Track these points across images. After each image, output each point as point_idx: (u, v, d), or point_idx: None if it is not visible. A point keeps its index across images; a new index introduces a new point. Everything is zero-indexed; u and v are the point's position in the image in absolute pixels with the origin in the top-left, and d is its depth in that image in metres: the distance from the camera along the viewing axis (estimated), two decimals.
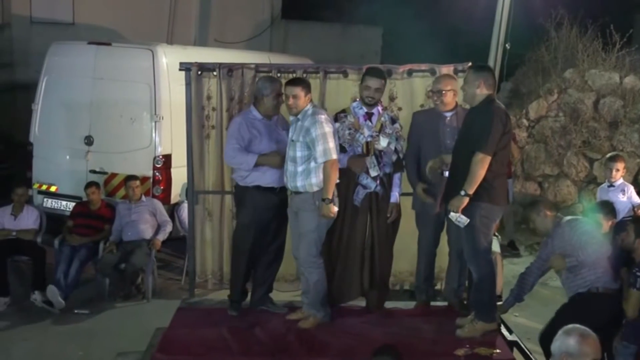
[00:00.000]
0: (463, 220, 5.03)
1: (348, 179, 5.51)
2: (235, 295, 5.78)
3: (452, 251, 5.78)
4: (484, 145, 4.92)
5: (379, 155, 5.52)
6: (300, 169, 5.30)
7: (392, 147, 5.53)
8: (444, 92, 5.47)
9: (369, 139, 5.50)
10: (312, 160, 5.25)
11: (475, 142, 4.98)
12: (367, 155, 5.50)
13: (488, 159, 4.93)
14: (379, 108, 5.58)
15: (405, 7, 16.21)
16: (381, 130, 5.52)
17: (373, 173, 5.50)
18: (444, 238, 5.87)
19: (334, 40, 17.01)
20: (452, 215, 5.06)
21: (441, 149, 5.54)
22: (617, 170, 6.96)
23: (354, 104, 5.59)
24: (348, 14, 16.71)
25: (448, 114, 5.56)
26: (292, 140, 5.33)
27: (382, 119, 5.55)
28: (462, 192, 4.98)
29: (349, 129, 5.51)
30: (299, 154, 5.29)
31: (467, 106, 5.73)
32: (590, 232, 5.33)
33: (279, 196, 5.59)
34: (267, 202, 5.53)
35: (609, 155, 7.48)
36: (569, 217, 5.52)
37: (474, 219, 5.04)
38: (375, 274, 5.71)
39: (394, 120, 5.60)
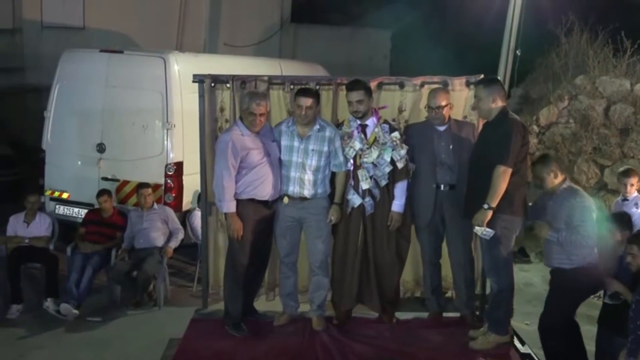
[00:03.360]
0: (489, 233, 5.08)
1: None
2: (237, 316, 5.65)
3: (454, 263, 5.80)
4: (505, 158, 4.97)
5: (371, 168, 5.51)
6: (321, 176, 5.52)
7: (386, 158, 5.48)
8: (443, 107, 5.49)
9: (358, 152, 5.50)
10: (327, 168, 5.52)
11: (495, 155, 5.01)
12: (358, 168, 5.52)
13: (509, 171, 4.99)
14: (374, 119, 5.56)
15: (414, 11, 16.21)
16: (374, 142, 5.51)
17: (364, 186, 5.51)
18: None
19: (343, 43, 17.04)
20: (477, 229, 5.11)
21: (436, 162, 5.57)
22: (632, 185, 6.96)
23: (351, 117, 5.59)
24: (357, 17, 16.76)
25: (442, 128, 5.58)
26: (313, 150, 5.45)
27: (376, 129, 5.52)
28: (486, 206, 5.03)
29: (342, 138, 5.54)
30: (322, 162, 5.49)
31: (462, 118, 5.84)
32: (586, 224, 5.21)
33: (270, 209, 5.60)
34: (260, 214, 5.53)
35: (622, 170, 7.43)
36: (578, 197, 5.30)
37: (495, 230, 5.09)
38: (372, 285, 5.69)
39: (393, 130, 5.56)
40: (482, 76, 5.80)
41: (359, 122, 5.53)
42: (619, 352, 5.07)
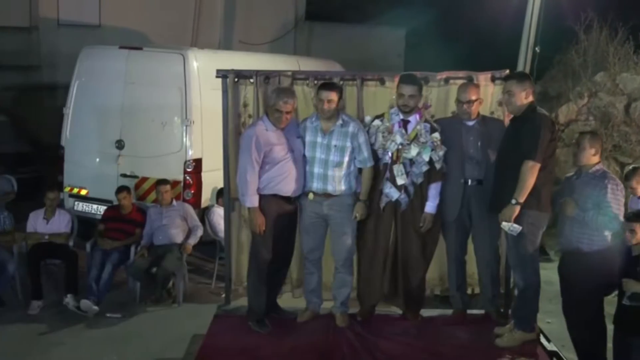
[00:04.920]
0: (516, 228, 5.04)
1: (377, 185, 5.54)
2: (261, 312, 5.64)
3: (479, 260, 5.76)
4: (534, 153, 4.94)
5: (408, 164, 5.48)
6: (345, 172, 5.44)
7: (425, 157, 5.45)
8: (473, 101, 5.47)
9: (399, 147, 5.47)
10: (352, 164, 5.43)
11: (523, 150, 4.98)
12: (395, 163, 5.48)
13: (538, 166, 4.95)
14: (417, 116, 5.52)
15: (429, 10, 16.17)
16: (415, 139, 5.47)
17: (400, 181, 5.47)
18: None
19: (358, 41, 17.02)
20: (505, 224, 5.07)
21: (464, 158, 5.54)
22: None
23: (392, 110, 5.56)
24: (372, 15, 16.72)
25: (471, 123, 5.55)
26: (336, 146, 5.41)
27: (418, 127, 5.48)
28: (513, 201, 4.99)
29: (383, 133, 5.50)
30: (346, 158, 5.41)
31: (489, 114, 5.81)
32: (615, 207, 5.13)
33: (293, 205, 5.60)
34: (283, 210, 5.53)
35: (626, 171, 7.31)
36: (612, 179, 5.22)
37: (521, 226, 5.04)
38: (399, 282, 5.68)
39: (433, 130, 5.51)
40: (507, 71, 5.78)
41: (401, 116, 5.49)
42: (635, 354, 5.03)
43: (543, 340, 5.45)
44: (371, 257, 5.61)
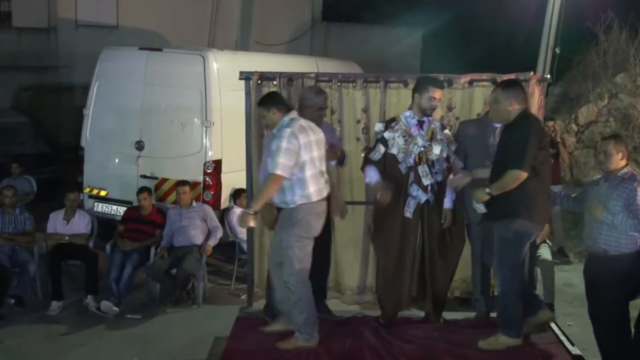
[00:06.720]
0: (480, 207, 5.08)
1: (398, 189, 5.46)
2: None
3: None
4: (520, 162, 4.83)
5: (431, 164, 5.45)
6: None
7: (444, 154, 5.46)
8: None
9: (422, 149, 5.43)
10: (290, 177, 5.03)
11: (511, 158, 4.89)
12: (418, 165, 5.44)
13: (524, 175, 4.83)
14: (429, 117, 5.51)
15: (446, 10, 16.14)
16: (432, 138, 5.46)
17: (425, 182, 5.43)
18: None
19: (374, 42, 17.03)
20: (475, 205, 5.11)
21: (491, 159, 5.44)
22: None
23: (406, 114, 5.50)
24: (388, 16, 16.73)
25: (498, 125, 5.48)
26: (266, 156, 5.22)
27: (432, 126, 5.47)
28: (487, 190, 4.96)
29: (404, 136, 5.46)
30: (270, 166, 5.04)
31: None
32: None
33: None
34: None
35: None
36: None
37: (508, 233, 4.96)
38: (427, 285, 5.63)
39: (443, 127, 5.53)
40: (531, 74, 5.78)
41: (417, 118, 5.47)
42: None
43: (567, 343, 5.38)
44: (397, 264, 5.54)
